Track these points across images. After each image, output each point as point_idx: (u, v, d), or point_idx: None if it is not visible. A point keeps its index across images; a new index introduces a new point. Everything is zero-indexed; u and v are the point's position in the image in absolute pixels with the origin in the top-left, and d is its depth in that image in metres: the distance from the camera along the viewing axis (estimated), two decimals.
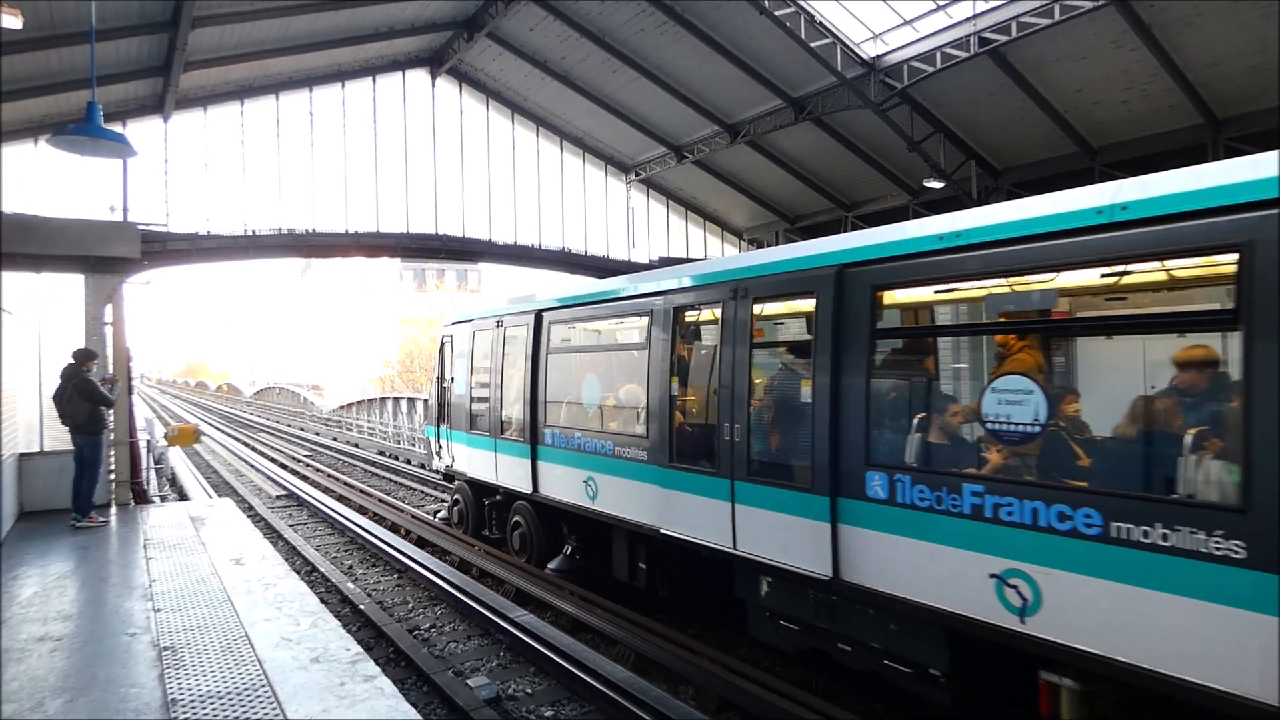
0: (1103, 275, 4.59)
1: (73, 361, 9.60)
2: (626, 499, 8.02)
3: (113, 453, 10.68)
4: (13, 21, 10.46)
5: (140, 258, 11.28)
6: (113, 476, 10.78)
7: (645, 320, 8.01)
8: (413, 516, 14.11)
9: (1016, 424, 4.70)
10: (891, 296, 5.80)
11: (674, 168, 23.25)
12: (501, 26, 18.76)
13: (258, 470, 22.57)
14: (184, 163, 18.15)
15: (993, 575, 4.69)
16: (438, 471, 14.03)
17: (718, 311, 7.02)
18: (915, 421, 5.56)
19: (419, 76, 21.24)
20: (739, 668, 6.77)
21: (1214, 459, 4.05)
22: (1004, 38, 13.87)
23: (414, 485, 19.01)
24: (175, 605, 6.45)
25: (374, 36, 18.56)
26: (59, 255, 10.38)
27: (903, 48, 15.89)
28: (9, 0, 10.44)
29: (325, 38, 17.73)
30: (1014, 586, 4.60)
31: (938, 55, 15.01)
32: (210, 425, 41.43)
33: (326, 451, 28.23)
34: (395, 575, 10.97)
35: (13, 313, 10.24)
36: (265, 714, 4.44)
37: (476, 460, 11.39)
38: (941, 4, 14.87)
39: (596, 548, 9.19)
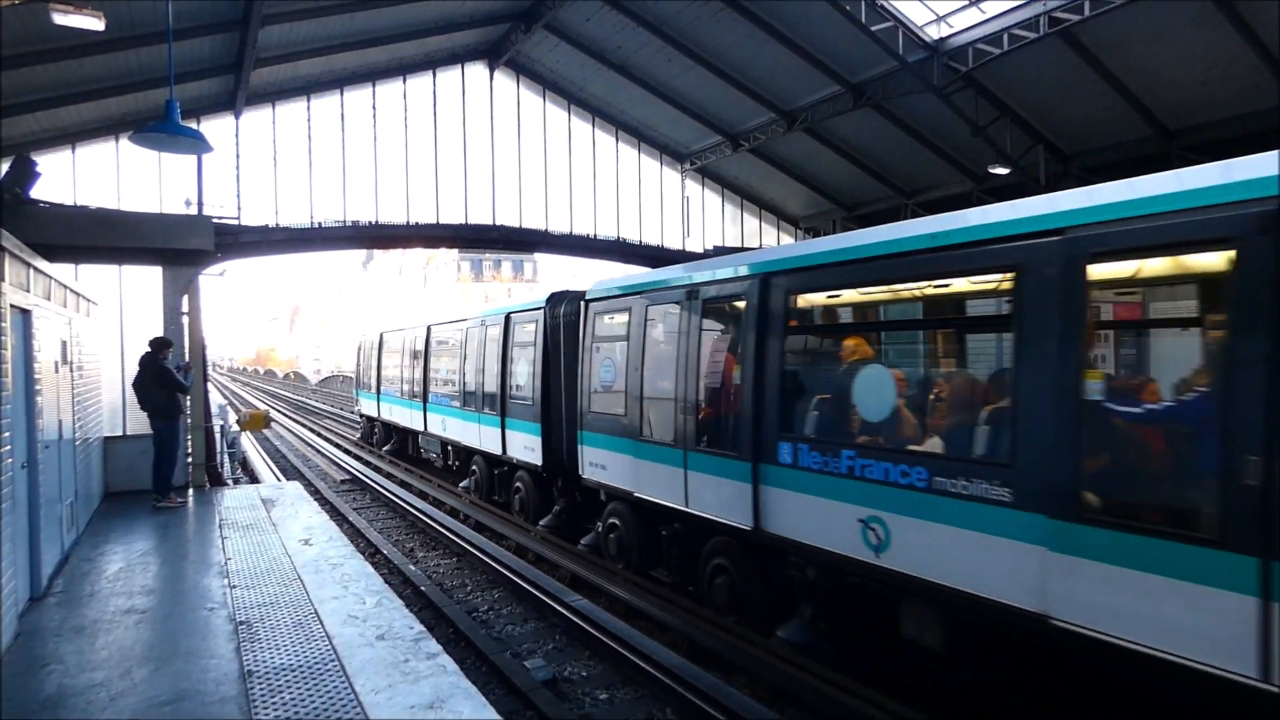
0: None
1: (150, 350, 10.03)
2: (456, 429, 16.20)
3: (189, 437, 11.17)
4: (95, 24, 10.96)
5: (214, 250, 11.73)
6: (190, 460, 11.27)
7: (422, 338, 18.01)
8: (472, 503, 14.41)
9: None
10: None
11: (729, 156, 23.06)
12: (559, 17, 18.84)
13: (323, 455, 23.31)
14: (254, 157, 18.76)
15: (497, 435, 13.44)
16: (355, 411, 28.51)
17: (457, 334, 15.81)
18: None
19: (477, 69, 21.51)
20: (794, 659, 6.74)
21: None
22: (1076, 17, 13.32)
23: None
24: (249, 582, 6.75)
25: (434, 30, 18.84)
26: (139, 248, 10.87)
27: (968, 30, 15.40)
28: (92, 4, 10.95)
29: (387, 33, 18.08)
30: (505, 439, 13.14)
31: (1005, 37, 14.51)
32: (278, 412, 42.86)
33: None
34: (454, 558, 11.24)
35: (99, 303, 10.77)
36: (335, 686, 4.63)
37: (368, 404, 24.13)
38: None
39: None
